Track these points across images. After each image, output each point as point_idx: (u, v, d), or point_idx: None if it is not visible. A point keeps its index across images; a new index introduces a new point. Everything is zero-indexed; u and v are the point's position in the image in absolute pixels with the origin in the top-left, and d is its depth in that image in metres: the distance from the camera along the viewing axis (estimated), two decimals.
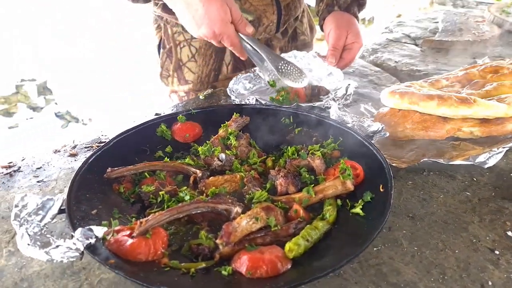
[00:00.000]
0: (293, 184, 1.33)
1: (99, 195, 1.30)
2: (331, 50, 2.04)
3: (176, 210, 1.20)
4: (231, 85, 2.00)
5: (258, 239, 1.13)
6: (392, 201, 1.19)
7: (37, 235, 1.07)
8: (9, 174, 1.55)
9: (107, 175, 1.35)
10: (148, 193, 1.31)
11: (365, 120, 1.59)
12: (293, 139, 1.61)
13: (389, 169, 1.30)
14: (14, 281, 1.12)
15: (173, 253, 1.14)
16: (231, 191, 1.35)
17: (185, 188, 1.35)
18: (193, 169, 1.43)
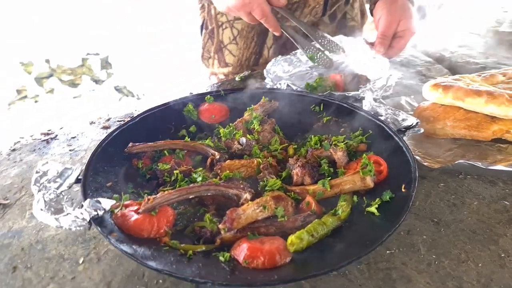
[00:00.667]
0: (310, 175, 1.27)
1: (117, 169, 1.33)
2: (380, 37, 1.90)
3: (186, 190, 1.20)
4: (268, 66, 1.96)
5: (262, 229, 1.10)
6: (412, 204, 1.10)
7: (52, 201, 1.11)
8: (46, 141, 1.64)
9: (127, 150, 1.37)
10: (163, 171, 1.31)
11: (400, 113, 1.48)
12: (320, 129, 1.54)
13: (416, 169, 1.20)
14: (30, 242, 1.18)
15: (177, 232, 1.14)
16: (246, 176, 1.32)
17: (201, 169, 1.34)
18: (212, 150, 1.41)
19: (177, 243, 1.08)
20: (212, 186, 1.21)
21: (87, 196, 1.14)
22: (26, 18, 6.99)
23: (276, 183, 1.22)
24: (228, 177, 1.27)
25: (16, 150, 1.57)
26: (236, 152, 1.44)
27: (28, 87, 6.15)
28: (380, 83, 1.77)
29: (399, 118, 1.46)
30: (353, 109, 1.51)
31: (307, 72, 2.02)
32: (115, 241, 1.01)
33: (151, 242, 1.07)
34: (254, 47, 2.30)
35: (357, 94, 1.71)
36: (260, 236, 1.07)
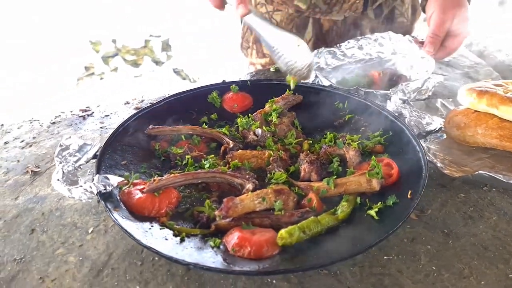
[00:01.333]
0: (317, 172, 1.26)
1: (135, 149, 1.40)
2: (431, 36, 1.79)
3: (192, 175, 1.24)
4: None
5: (257, 220, 1.11)
6: (411, 212, 1.08)
7: (70, 173, 1.21)
8: (83, 117, 1.76)
9: (147, 131, 1.44)
10: (176, 154, 1.37)
11: (426, 116, 1.42)
12: (341, 126, 1.52)
13: (426, 177, 1.16)
14: (51, 209, 1.29)
15: (178, 214, 1.19)
16: (256, 167, 1.34)
17: (212, 156, 1.38)
18: (227, 139, 1.44)
19: (173, 224, 1.13)
20: (218, 174, 1.25)
21: (99, 172, 1.23)
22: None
23: (282, 176, 1.23)
24: (237, 166, 1.29)
25: (55, 124, 1.71)
26: (251, 143, 1.46)
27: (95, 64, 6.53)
28: (414, 85, 1.69)
29: (424, 122, 1.40)
30: (376, 109, 1.47)
31: (350, 67, 1.98)
32: (116, 215, 1.08)
33: (150, 221, 1.13)
34: None
35: (387, 94, 1.65)
36: (254, 227, 1.09)
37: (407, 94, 1.67)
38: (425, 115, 1.40)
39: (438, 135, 1.34)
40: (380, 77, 1.84)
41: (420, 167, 1.20)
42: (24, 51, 6.16)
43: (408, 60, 1.89)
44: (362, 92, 1.65)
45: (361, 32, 2.28)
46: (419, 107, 1.66)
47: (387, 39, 1.95)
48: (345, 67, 1.94)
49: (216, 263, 0.98)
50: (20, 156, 1.51)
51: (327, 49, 1.95)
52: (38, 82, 5.52)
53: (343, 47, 1.96)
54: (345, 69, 1.93)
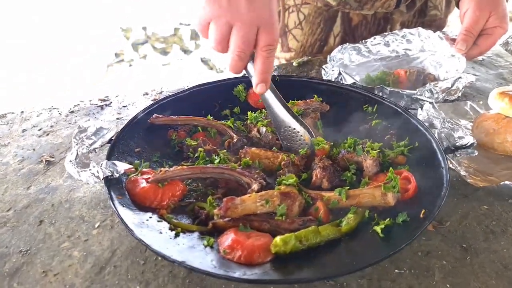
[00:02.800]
0: (329, 179, 1.20)
1: (152, 137, 1.39)
2: (464, 34, 1.68)
3: (200, 169, 1.22)
4: (334, 53, 1.85)
5: (256, 223, 1.07)
6: (419, 234, 1.01)
7: (83, 155, 1.22)
8: (101, 107, 1.75)
9: (150, 121, 1.41)
10: (189, 146, 1.35)
11: (459, 129, 1.30)
12: (366, 131, 1.43)
13: (444, 196, 1.07)
14: (60, 200, 1.29)
15: (180, 208, 1.17)
16: (267, 169, 1.30)
17: (224, 151, 1.34)
18: (231, 133, 1.41)
19: (172, 217, 1.11)
20: (226, 170, 1.22)
21: (110, 157, 1.23)
22: None
23: (292, 178, 1.18)
24: (247, 164, 1.25)
25: (73, 112, 1.71)
26: (254, 140, 1.42)
27: (125, 51, 6.61)
28: (443, 85, 1.59)
29: (456, 135, 1.29)
30: (406, 116, 1.37)
31: (375, 64, 1.90)
32: (116, 202, 1.08)
33: (150, 212, 1.12)
34: (320, 34, 2.20)
35: (413, 94, 1.56)
36: (252, 230, 1.05)
37: (435, 94, 1.58)
38: (459, 128, 1.29)
39: (469, 151, 1.24)
40: (406, 75, 1.75)
41: (440, 186, 1.12)
42: (55, 38, 6.28)
43: (437, 58, 1.79)
44: (387, 91, 1.57)
45: (391, 27, 2.19)
46: (446, 110, 1.58)
47: (416, 35, 1.85)
48: (369, 64, 1.86)
49: (202, 263, 0.95)
50: (36, 145, 1.53)
51: (351, 45, 1.87)
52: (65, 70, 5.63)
53: (369, 43, 1.88)
54: (369, 66, 1.85)
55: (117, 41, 6.76)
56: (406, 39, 1.87)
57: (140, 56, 6.68)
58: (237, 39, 1.12)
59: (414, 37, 1.86)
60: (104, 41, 6.62)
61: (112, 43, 6.67)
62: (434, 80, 1.74)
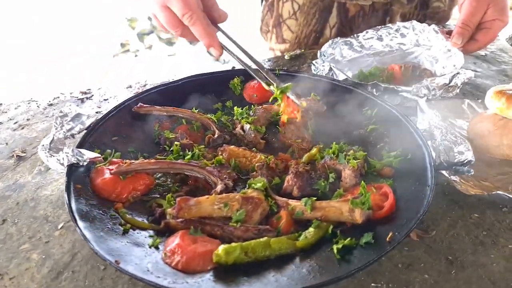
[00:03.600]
0: (300, 187, 1.11)
1: (134, 127, 1.35)
2: (460, 27, 1.56)
3: (168, 164, 1.16)
4: (324, 48, 1.76)
5: (208, 227, 0.99)
6: (373, 262, 0.90)
7: (59, 140, 1.18)
8: (81, 100, 1.69)
9: (135, 109, 1.36)
10: (166, 139, 1.29)
11: (461, 143, 1.18)
12: (360, 137, 1.33)
13: (416, 221, 0.96)
14: (26, 198, 1.23)
15: (141, 203, 1.12)
16: (243, 168, 1.23)
17: (202, 147, 1.28)
18: (214, 127, 1.34)
19: (126, 212, 1.05)
20: (196, 168, 1.16)
21: (82, 144, 1.19)
22: None
23: (260, 182, 1.10)
24: (220, 163, 1.18)
25: (52, 105, 1.66)
26: (238, 137, 1.35)
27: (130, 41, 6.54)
28: (441, 81, 1.49)
29: (456, 149, 1.18)
30: (405, 123, 1.26)
31: (368, 59, 1.80)
32: (72, 191, 1.04)
33: (107, 205, 1.07)
34: (315, 25, 2.10)
35: (411, 92, 1.46)
36: (202, 235, 0.98)
37: (432, 91, 1.48)
38: (462, 142, 1.18)
39: (465, 169, 1.14)
40: (401, 71, 1.65)
41: (420, 203, 1.01)
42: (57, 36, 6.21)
43: (433, 53, 1.68)
44: (381, 87, 1.48)
45: (390, 19, 2.09)
46: (442, 108, 1.48)
47: (410, 29, 1.74)
48: (362, 59, 1.76)
49: (138, 265, 0.89)
50: (9, 139, 1.47)
51: (343, 39, 1.77)
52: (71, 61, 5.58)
53: (361, 37, 1.78)
54: (362, 61, 1.75)
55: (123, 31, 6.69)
56: (400, 33, 1.77)
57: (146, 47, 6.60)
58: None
59: (409, 30, 1.75)
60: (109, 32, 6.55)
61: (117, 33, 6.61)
62: (431, 76, 1.64)
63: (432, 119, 1.26)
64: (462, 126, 1.43)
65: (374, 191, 1.09)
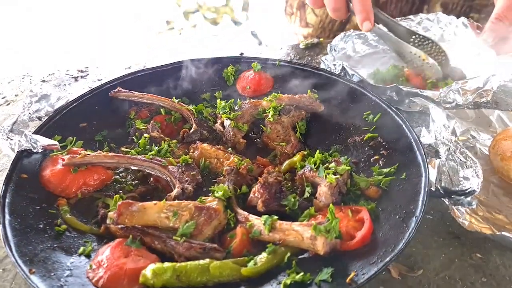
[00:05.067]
0: (265, 200, 0.95)
1: (106, 114, 1.24)
2: (492, 22, 1.35)
3: (127, 159, 1.05)
4: (336, 41, 1.56)
5: (149, 238, 0.86)
6: None
7: (22, 122, 1.12)
8: (75, 79, 1.62)
9: (112, 94, 1.26)
10: (136, 130, 1.18)
11: (469, 165, 0.98)
12: (354, 146, 1.15)
13: (390, 260, 0.80)
14: None
15: (92, 199, 1.02)
16: (213, 171, 1.09)
17: (174, 142, 1.15)
18: (193, 120, 1.21)
19: (66, 211, 0.95)
20: (157, 166, 1.04)
21: (42, 128, 1.11)
22: None
23: (223, 190, 0.95)
24: (186, 162, 1.05)
25: (45, 82, 1.60)
26: (217, 133, 1.21)
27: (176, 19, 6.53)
28: (474, 84, 1.27)
29: (461, 173, 0.98)
30: (408, 135, 1.07)
31: (384, 56, 1.58)
32: (13, 181, 0.96)
33: (51, 199, 0.98)
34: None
35: (438, 96, 1.25)
36: (141, 247, 0.85)
37: (463, 96, 1.25)
38: (472, 165, 0.97)
39: (467, 200, 0.92)
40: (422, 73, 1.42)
41: (396, 243, 0.83)
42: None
43: (462, 49, 1.43)
44: (403, 91, 1.27)
45: (429, 8, 1.85)
46: (466, 117, 1.25)
47: (435, 21, 1.51)
48: (377, 56, 1.54)
49: (48, 280, 0.78)
50: None
51: (356, 32, 1.56)
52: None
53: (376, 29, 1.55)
54: (376, 58, 1.53)
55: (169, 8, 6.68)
56: (423, 26, 1.52)
57: (191, 25, 6.57)
58: None
59: (433, 23, 1.51)
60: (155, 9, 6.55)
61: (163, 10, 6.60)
62: (461, 75, 1.40)
63: (440, 132, 1.05)
64: (485, 142, 1.20)
65: (350, 215, 0.92)
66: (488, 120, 1.26)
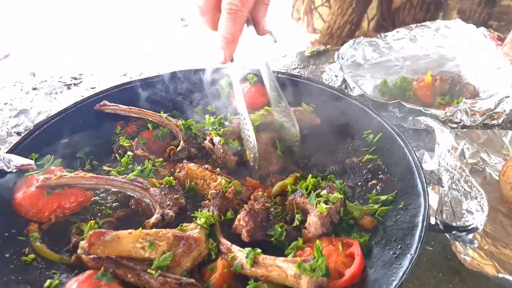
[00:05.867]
0: (251, 230, 0.87)
1: (91, 129, 1.18)
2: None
3: (105, 180, 0.99)
4: (344, 48, 1.48)
5: (121, 271, 0.79)
6: None
7: (4, 136, 1.11)
8: (67, 86, 1.57)
9: (97, 107, 1.20)
10: (120, 147, 1.12)
11: (474, 196, 0.89)
12: (351, 167, 1.07)
13: None
14: None
15: (67, 223, 0.95)
16: (200, 193, 1.02)
17: (160, 161, 1.09)
18: (181, 137, 1.14)
19: (37, 238, 0.89)
20: (138, 188, 0.98)
21: (19, 145, 1.05)
22: None
23: (205, 217, 0.88)
24: (170, 184, 0.98)
25: (36, 89, 1.55)
26: (207, 150, 1.13)
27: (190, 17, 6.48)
28: (483, 105, 1.17)
29: (464, 204, 0.89)
30: (409, 160, 0.98)
31: (396, 65, 1.49)
32: None
33: (22, 224, 0.92)
34: (351, 15, 1.81)
35: (442, 114, 1.16)
36: (112, 280, 0.78)
37: (471, 117, 1.16)
38: (477, 196, 0.88)
39: (468, 238, 0.82)
40: (435, 83, 1.32)
41: (389, 282, 0.75)
42: None
43: (479, 62, 1.33)
44: (406, 108, 1.18)
45: (444, 15, 1.75)
46: (476, 137, 1.15)
47: (453, 29, 1.39)
48: (389, 64, 1.45)
49: None
50: None
51: (367, 39, 1.46)
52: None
53: (390, 37, 1.46)
54: (388, 67, 1.44)
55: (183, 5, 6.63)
56: (440, 33, 1.42)
57: None
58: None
59: (451, 31, 1.40)
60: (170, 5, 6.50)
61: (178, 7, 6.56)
62: (473, 93, 1.29)
63: (444, 158, 0.95)
64: (496, 166, 1.10)
65: (340, 249, 0.83)
66: (500, 142, 1.16)
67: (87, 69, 1.68)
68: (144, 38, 3.70)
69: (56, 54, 3.25)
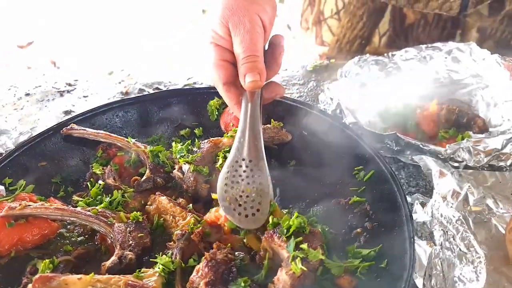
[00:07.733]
0: (209, 283, 0.78)
1: (72, 152, 1.14)
2: None
3: (70, 213, 0.94)
4: (349, 65, 1.40)
5: None
6: None
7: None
8: (60, 93, 1.52)
9: (64, 131, 1.14)
10: (92, 174, 1.07)
11: (469, 259, 0.79)
12: (336, 210, 0.98)
13: None
14: None
15: (28, 258, 0.90)
16: (168, 230, 0.95)
17: (131, 191, 1.03)
18: (148, 165, 1.06)
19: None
20: (103, 224, 0.93)
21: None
22: None
23: (164, 261, 0.81)
24: (137, 220, 0.92)
25: (28, 95, 1.51)
26: (177, 180, 1.05)
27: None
28: (490, 144, 1.07)
29: (457, 269, 0.80)
30: (401, 208, 0.89)
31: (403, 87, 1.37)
32: None
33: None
34: (362, 29, 1.71)
35: (442, 151, 1.06)
36: None
37: (475, 157, 1.05)
38: (474, 260, 0.78)
39: None
40: (441, 113, 1.22)
41: None
42: None
43: (493, 92, 1.21)
44: (402, 141, 1.09)
45: (463, 33, 1.63)
46: (482, 181, 1.04)
47: (467, 52, 1.28)
48: (395, 86, 1.33)
49: None
50: None
51: (374, 57, 1.36)
52: None
53: (398, 57, 1.35)
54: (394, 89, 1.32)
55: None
56: (453, 56, 1.30)
57: None
58: None
59: (464, 55, 1.28)
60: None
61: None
62: (482, 127, 1.18)
63: (438, 208, 0.86)
64: (504, 216, 0.99)
65: None
66: (511, 187, 1.04)
67: (85, 71, 1.63)
68: (144, 38, 3.67)
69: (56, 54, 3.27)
